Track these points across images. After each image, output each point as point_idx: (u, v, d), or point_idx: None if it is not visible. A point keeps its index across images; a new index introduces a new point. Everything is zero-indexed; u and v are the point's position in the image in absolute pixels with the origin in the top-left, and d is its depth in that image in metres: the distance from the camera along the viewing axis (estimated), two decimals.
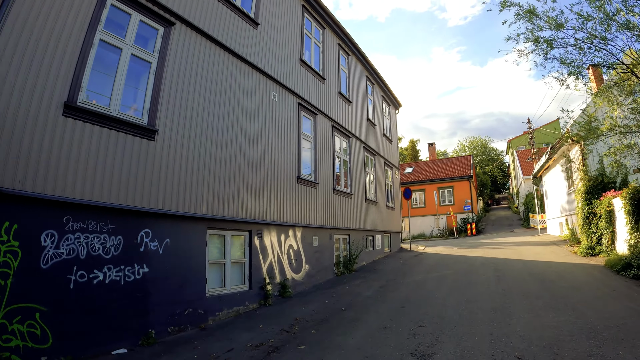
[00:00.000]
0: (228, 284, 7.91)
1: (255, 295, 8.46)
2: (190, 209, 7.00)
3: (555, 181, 19.12)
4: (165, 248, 6.49)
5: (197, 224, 7.24)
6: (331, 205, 12.03)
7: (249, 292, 8.34)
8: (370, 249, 15.08)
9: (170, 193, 6.64)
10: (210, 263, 7.56)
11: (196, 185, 7.19)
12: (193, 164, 7.19)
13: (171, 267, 6.55)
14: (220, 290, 7.67)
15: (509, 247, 16.10)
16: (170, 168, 6.70)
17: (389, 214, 17.65)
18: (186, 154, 7.06)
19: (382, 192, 16.93)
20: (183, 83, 7.19)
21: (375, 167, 16.37)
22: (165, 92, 6.79)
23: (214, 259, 7.72)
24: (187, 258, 6.91)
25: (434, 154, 48.56)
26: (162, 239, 6.45)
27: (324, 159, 11.89)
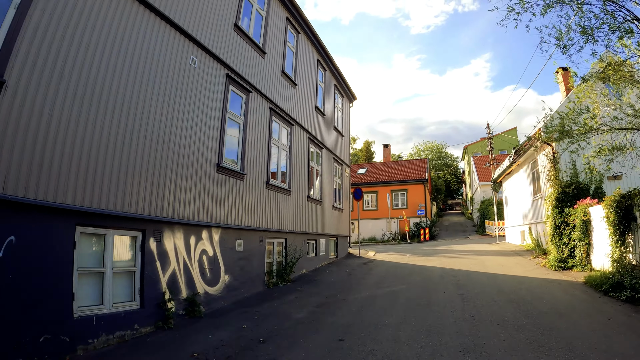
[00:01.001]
0: (108, 301, 5.70)
1: (150, 315, 6.30)
2: (48, 197, 4.70)
3: (517, 187, 18.04)
4: (9, 250, 4.30)
5: (60, 217, 4.97)
6: (263, 203, 9.92)
7: (141, 311, 6.16)
8: (312, 254, 13.11)
9: (15, 172, 4.36)
10: (81, 272, 5.32)
11: (59, 162, 4.88)
12: (57, 132, 4.89)
13: (17, 276, 4.43)
14: (96, 309, 5.48)
15: (468, 257, 14.68)
16: (18, 132, 4.44)
17: (336, 216, 15.78)
18: (47, 116, 4.76)
19: (328, 190, 15.01)
20: (56, 28, 4.98)
21: (322, 162, 14.44)
22: (27, 33, 4.59)
23: (87, 266, 5.50)
24: (44, 265, 4.75)
25: (388, 156, 47.56)
26: (2, 237, 4.23)
27: (256, 147, 9.76)
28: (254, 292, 9.18)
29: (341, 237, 16.45)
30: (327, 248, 14.51)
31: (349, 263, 14.29)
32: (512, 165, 17.51)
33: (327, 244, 14.41)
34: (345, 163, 17.71)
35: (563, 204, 11.89)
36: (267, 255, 10.16)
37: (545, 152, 13.61)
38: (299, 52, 12.95)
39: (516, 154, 16.54)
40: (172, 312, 6.68)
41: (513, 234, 19.24)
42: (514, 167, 17.87)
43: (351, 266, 13.43)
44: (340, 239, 16.27)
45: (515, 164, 17.32)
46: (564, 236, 11.47)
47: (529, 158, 15.73)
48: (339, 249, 16.04)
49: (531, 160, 15.49)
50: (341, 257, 16.10)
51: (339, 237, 16.05)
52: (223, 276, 8.26)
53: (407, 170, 38.38)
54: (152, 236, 6.58)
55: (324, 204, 14.22)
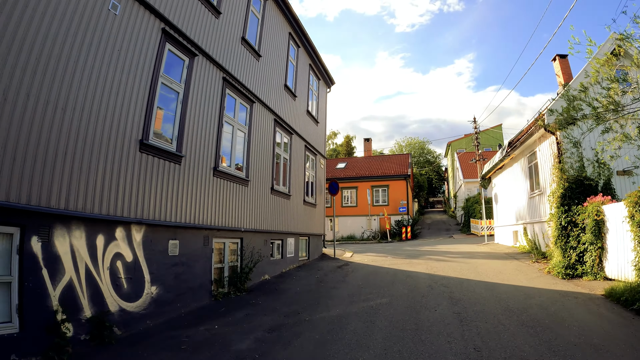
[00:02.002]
0: None
1: (36, 341, 4.51)
2: None
3: (510, 183, 16.50)
4: None
5: None
6: (210, 195, 7.99)
7: (21, 336, 4.38)
8: (277, 257, 11.24)
9: None
10: None
11: None
12: None
13: None
14: None
15: (457, 260, 13.03)
16: None
17: (308, 212, 13.94)
18: None
19: (299, 183, 13.15)
20: None
21: (291, 149, 12.56)
22: None
23: None
24: None
25: (369, 150, 45.92)
26: None
27: (202, 124, 7.81)
28: (195, 307, 7.27)
29: (314, 236, 14.63)
30: (297, 249, 12.66)
31: (321, 266, 12.47)
32: (505, 159, 15.95)
33: (296, 244, 12.56)
34: (320, 153, 15.86)
35: (570, 202, 10.33)
36: (215, 259, 8.25)
37: (548, 141, 12.02)
38: (266, 21, 11.02)
39: (510, 147, 14.96)
40: (69, 337, 4.84)
41: (504, 234, 17.73)
42: (507, 161, 16.31)
43: (324, 270, 11.61)
44: (313, 238, 14.44)
45: (508, 158, 15.76)
46: (572, 238, 9.90)
47: (525, 150, 14.17)
48: (312, 249, 14.22)
49: (528, 153, 13.92)
50: (314, 258, 14.28)
51: (311, 236, 14.21)
52: (148, 288, 6.34)
53: (389, 166, 36.80)
54: (36, 234, 4.67)
55: (293, 198, 12.36)
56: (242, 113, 9.40)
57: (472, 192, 35.67)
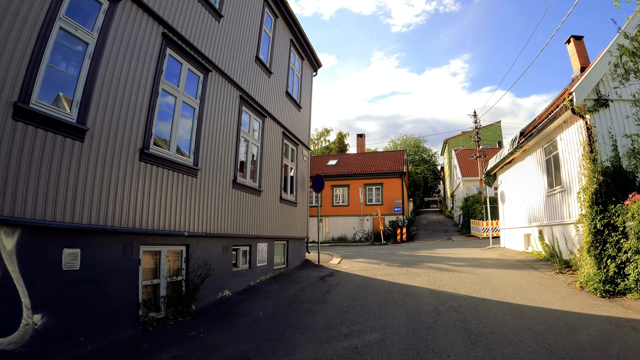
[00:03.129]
0: None
1: None
2: None
3: (521, 179, 14.53)
4: None
5: None
6: (136, 187, 5.84)
7: None
8: (243, 266, 9.15)
9: None
10: None
11: None
12: None
13: None
14: None
15: (464, 269, 11.02)
16: None
17: (286, 212, 11.87)
18: None
19: (274, 177, 11.04)
20: None
21: (264, 135, 10.47)
22: None
23: None
24: None
25: (363, 147, 43.87)
26: None
27: (125, 86, 5.71)
28: (109, 341, 5.17)
29: (294, 239, 12.55)
30: (271, 256, 10.57)
31: (300, 277, 10.40)
32: (515, 151, 13.96)
33: (270, 250, 10.47)
34: (303, 144, 13.78)
35: (605, 200, 8.39)
36: (146, 274, 6.16)
37: (574, 127, 10.05)
38: None
39: (524, 136, 12.98)
40: None
41: (512, 237, 15.75)
42: (518, 154, 14.33)
43: (302, 284, 9.54)
44: (292, 242, 12.36)
45: (520, 150, 13.77)
46: (609, 245, 7.93)
47: (542, 140, 12.19)
48: (291, 255, 12.14)
49: (546, 143, 11.95)
50: (294, 266, 12.20)
51: (290, 239, 12.13)
52: (28, 316, 4.27)
53: (383, 163, 34.80)
54: None
55: (265, 194, 10.28)
56: (191, 83, 7.29)
57: (472, 191, 33.74)
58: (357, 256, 16.19)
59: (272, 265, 10.55)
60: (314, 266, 12.51)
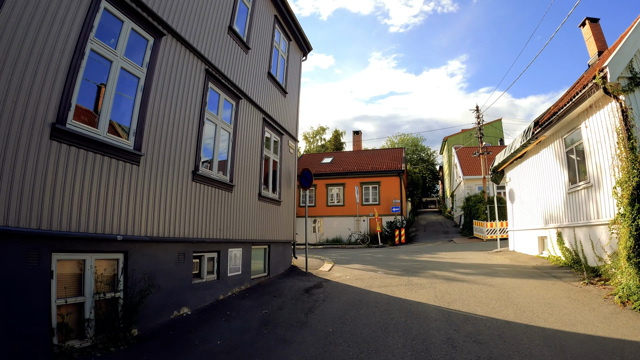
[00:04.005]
0: None
1: None
2: None
3: (534, 175, 13.01)
4: None
5: None
6: (41, 173, 4.22)
7: None
8: (210, 277, 7.57)
9: None
10: None
11: None
12: None
13: None
14: None
15: (475, 278, 9.47)
16: None
17: (267, 212, 10.28)
18: None
19: (251, 170, 9.44)
20: None
21: (238, 120, 8.87)
22: None
23: None
24: None
25: (359, 144, 42.27)
26: None
27: (35, 36, 4.21)
28: None
29: (278, 243, 10.98)
30: (247, 263, 9.00)
31: (282, 289, 8.84)
32: (529, 144, 12.44)
33: (245, 256, 8.89)
34: (289, 134, 12.21)
35: None
36: (62, 290, 4.59)
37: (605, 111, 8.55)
38: None
39: (539, 126, 11.46)
40: None
41: (524, 239, 14.23)
42: (531, 147, 12.81)
43: (282, 298, 7.98)
44: (276, 246, 10.79)
45: (534, 142, 12.25)
46: None
47: (562, 129, 10.68)
48: (274, 262, 10.57)
49: (566, 132, 10.45)
50: (277, 274, 10.63)
51: (272, 243, 10.56)
52: None
53: (381, 160, 33.27)
54: None
55: (239, 190, 8.71)
56: (136, 49, 5.72)
57: (473, 190, 32.24)
58: (352, 261, 14.63)
59: (248, 274, 8.98)
60: (300, 274, 10.94)
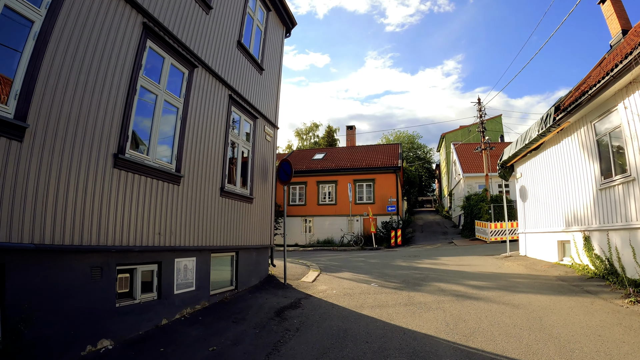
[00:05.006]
0: None
1: None
2: None
3: (554, 169, 11.25)
4: None
5: None
6: None
7: None
8: (146, 297, 5.70)
9: None
10: None
11: None
12: None
13: None
14: None
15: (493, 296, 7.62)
16: None
17: (234, 211, 8.37)
18: None
19: (210, 158, 7.49)
20: None
21: (192, 95, 6.95)
22: None
23: None
24: None
25: (353, 139, 40.44)
26: None
27: None
28: None
29: (250, 249, 9.12)
30: (204, 275, 7.12)
31: (247, 311, 7.00)
32: (548, 132, 10.68)
33: (201, 267, 7.01)
34: (265, 118, 10.34)
35: None
36: None
37: None
38: None
39: (562, 111, 9.71)
40: None
41: (539, 243, 12.47)
42: (549, 137, 11.05)
43: (245, 324, 6.15)
44: (247, 253, 8.93)
45: (554, 131, 10.49)
46: None
47: (591, 114, 8.94)
48: (244, 272, 8.72)
49: (596, 117, 8.71)
50: (248, 287, 8.79)
51: (243, 250, 8.71)
52: None
53: (376, 156, 31.48)
54: None
55: (190, 183, 6.81)
56: None
57: (474, 188, 30.50)
58: (342, 268, 12.83)
59: (206, 290, 7.13)
60: (277, 286, 9.11)
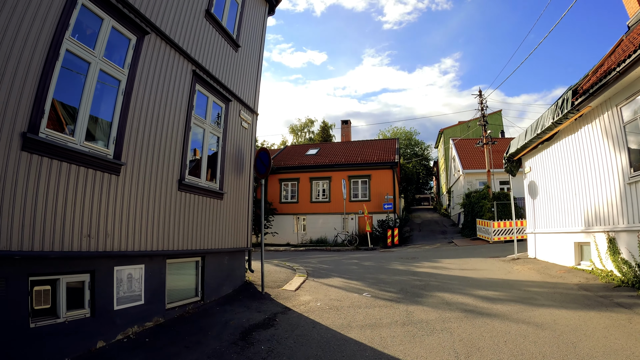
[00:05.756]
0: None
1: None
2: None
3: (570, 162, 10.06)
4: None
5: None
6: None
7: None
8: (74, 314, 4.42)
9: None
10: None
11: None
12: None
13: None
14: None
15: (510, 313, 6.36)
16: None
17: (199, 208, 7.10)
18: None
19: (166, 144, 6.23)
20: None
21: (140, 64, 5.71)
22: None
23: None
24: None
25: (348, 135, 39.21)
26: None
27: None
28: None
29: (220, 253, 7.84)
30: (158, 286, 5.86)
31: (207, 331, 5.76)
32: (564, 119, 9.48)
33: (151, 277, 5.73)
34: (241, 101, 9.05)
35: None
36: None
37: None
38: None
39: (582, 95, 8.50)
40: None
41: (551, 245, 11.27)
42: (565, 125, 9.85)
43: (201, 349, 4.91)
44: (217, 258, 7.66)
45: (572, 117, 9.30)
46: None
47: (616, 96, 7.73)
48: (211, 280, 7.44)
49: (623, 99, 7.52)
50: (217, 298, 7.53)
51: (210, 254, 7.42)
52: None
53: (372, 152, 30.26)
54: None
55: (138, 173, 5.50)
56: None
57: (474, 185, 29.33)
58: (332, 272, 11.62)
59: (160, 303, 5.88)
60: (252, 297, 7.87)
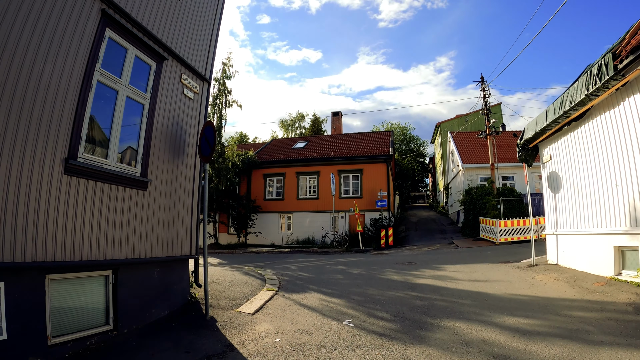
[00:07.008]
0: None
1: None
2: None
3: (606, 147, 8.06)
4: None
5: None
6: None
7: None
8: None
9: None
10: None
11: None
12: None
13: None
14: None
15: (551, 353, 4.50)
16: None
17: (109, 203, 4.98)
18: None
19: (51, 103, 4.11)
20: None
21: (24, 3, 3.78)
22: None
23: None
24: None
25: (339, 127, 37.14)
26: None
27: None
28: None
29: (146, 264, 5.72)
30: (25, 315, 3.78)
31: None
32: (603, 89, 7.48)
33: (17, 301, 3.59)
34: (183, 61, 6.88)
35: None
36: None
37: None
38: None
39: (629, 54, 6.49)
40: None
41: (580, 248, 9.26)
42: (601, 99, 7.86)
43: None
44: (139, 272, 5.52)
45: (616, 85, 7.28)
46: None
47: None
48: (134, 299, 5.29)
49: None
50: (142, 325, 5.42)
51: (126, 265, 5.28)
52: None
53: (364, 145, 28.24)
54: None
55: None
56: None
57: (475, 181, 27.38)
58: (312, 282, 9.59)
59: (35, 338, 3.83)
60: (191, 324, 5.82)
